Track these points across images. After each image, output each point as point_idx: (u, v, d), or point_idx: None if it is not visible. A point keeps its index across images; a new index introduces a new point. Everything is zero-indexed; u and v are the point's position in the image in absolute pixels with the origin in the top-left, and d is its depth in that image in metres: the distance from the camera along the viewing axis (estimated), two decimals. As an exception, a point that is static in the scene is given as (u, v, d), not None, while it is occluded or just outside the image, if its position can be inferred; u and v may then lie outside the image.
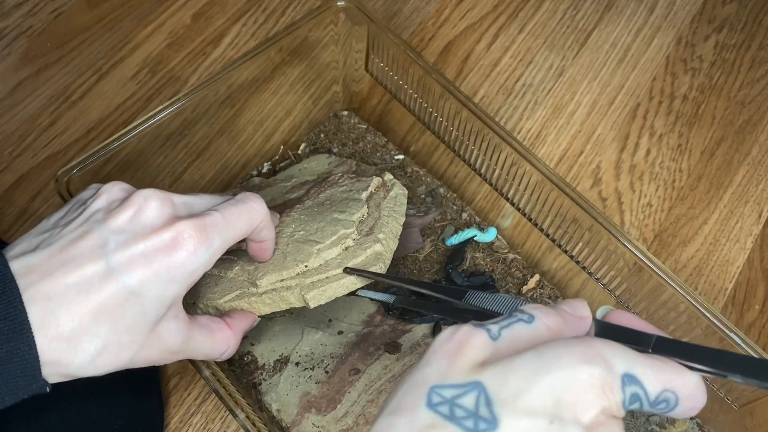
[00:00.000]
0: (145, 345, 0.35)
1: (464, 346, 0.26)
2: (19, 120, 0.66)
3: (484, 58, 0.74)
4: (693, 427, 0.53)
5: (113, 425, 0.46)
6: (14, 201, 0.62)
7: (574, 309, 0.30)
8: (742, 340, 0.45)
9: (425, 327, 0.54)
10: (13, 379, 0.31)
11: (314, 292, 0.45)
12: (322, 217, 0.49)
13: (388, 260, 0.48)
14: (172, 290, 0.35)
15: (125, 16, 0.74)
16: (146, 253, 0.34)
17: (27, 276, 0.32)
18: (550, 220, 0.54)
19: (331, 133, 0.66)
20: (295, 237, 0.48)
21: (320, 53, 0.61)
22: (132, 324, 0.34)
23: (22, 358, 0.31)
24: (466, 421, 0.24)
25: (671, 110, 0.73)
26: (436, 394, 0.25)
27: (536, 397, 0.24)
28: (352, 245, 0.47)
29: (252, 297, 0.45)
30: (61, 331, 0.32)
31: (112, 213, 0.35)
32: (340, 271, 0.45)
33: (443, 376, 0.25)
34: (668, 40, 0.78)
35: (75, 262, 0.33)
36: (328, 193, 0.52)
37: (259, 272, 0.46)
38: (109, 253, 0.33)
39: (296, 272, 0.46)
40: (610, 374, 0.25)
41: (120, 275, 0.33)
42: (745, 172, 0.69)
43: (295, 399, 0.51)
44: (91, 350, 0.33)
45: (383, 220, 0.50)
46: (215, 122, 0.56)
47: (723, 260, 0.64)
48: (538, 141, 0.70)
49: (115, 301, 0.33)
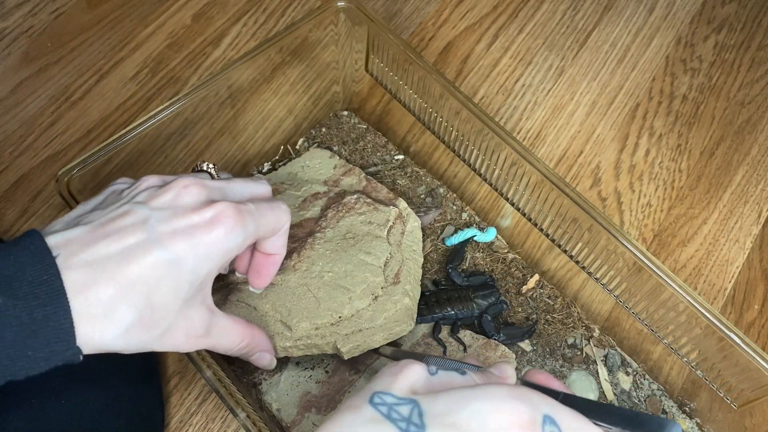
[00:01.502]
0: (173, 325, 0.36)
1: (406, 369, 0.31)
2: (20, 120, 0.66)
3: (483, 59, 0.74)
4: (692, 427, 0.53)
5: (113, 425, 0.46)
6: (15, 201, 0.62)
7: (500, 371, 0.35)
8: (741, 339, 0.45)
9: (425, 327, 0.54)
10: (49, 345, 0.31)
11: (349, 346, 0.48)
12: (349, 258, 0.51)
13: (415, 312, 0.52)
14: (207, 267, 0.37)
15: (125, 17, 0.74)
16: (187, 228, 0.36)
17: (67, 246, 0.33)
18: (550, 220, 0.54)
19: (332, 133, 0.66)
20: (325, 279, 0.50)
21: (320, 53, 0.61)
22: (165, 299, 0.35)
23: (57, 323, 0.31)
24: (400, 423, 0.28)
25: (671, 110, 0.73)
26: (378, 397, 0.29)
27: (463, 417, 0.28)
28: (381, 294, 0.51)
29: (287, 342, 0.48)
30: (100, 297, 0.32)
31: (153, 195, 0.37)
32: (372, 325, 0.49)
33: (386, 387, 0.30)
34: (668, 40, 0.78)
35: (117, 234, 0.34)
36: (348, 221, 0.54)
37: (293, 317, 0.48)
38: (151, 227, 0.35)
39: (330, 322, 0.49)
40: (535, 412, 0.28)
41: (161, 246, 0.35)
42: (745, 172, 0.69)
43: (296, 398, 0.51)
44: (126, 321, 0.33)
45: (406, 265, 0.53)
46: (215, 122, 0.57)
47: (722, 260, 0.64)
48: (538, 141, 0.70)
49: (153, 272, 0.34)
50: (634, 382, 0.55)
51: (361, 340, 0.48)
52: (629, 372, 0.55)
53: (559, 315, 0.57)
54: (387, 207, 0.56)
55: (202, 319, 0.38)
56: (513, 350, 0.55)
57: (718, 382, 0.50)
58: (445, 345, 0.53)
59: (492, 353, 0.53)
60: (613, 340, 0.57)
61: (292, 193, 0.57)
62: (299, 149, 0.64)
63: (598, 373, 0.55)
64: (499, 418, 0.28)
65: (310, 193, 0.57)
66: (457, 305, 0.54)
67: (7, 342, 0.30)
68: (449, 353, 0.53)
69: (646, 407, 0.54)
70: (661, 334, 0.52)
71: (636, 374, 0.55)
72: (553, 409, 0.29)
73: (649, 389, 0.55)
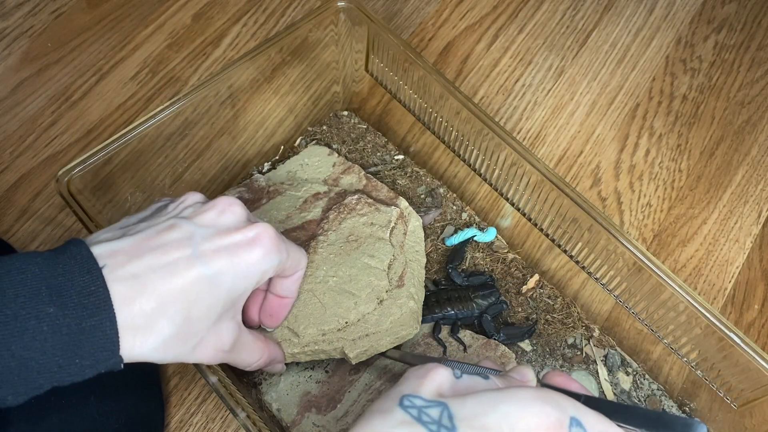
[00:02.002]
0: (205, 339, 0.37)
1: (432, 372, 0.32)
2: (20, 120, 0.66)
3: (483, 59, 0.74)
4: (692, 426, 0.53)
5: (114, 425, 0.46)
6: (15, 201, 0.62)
7: (521, 375, 0.36)
8: (741, 339, 0.45)
9: (425, 326, 0.54)
10: (95, 353, 0.32)
11: (357, 351, 0.48)
12: (352, 261, 0.52)
13: (420, 315, 0.52)
14: (242, 286, 0.38)
15: (126, 17, 0.74)
16: (229, 246, 0.37)
17: (114, 257, 0.34)
18: (550, 220, 0.54)
19: (332, 133, 0.66)
20: (330, 284, 0.50)
21: (320, 53, 0.61)
22: (202, 314, 0.36)
23: (104, 333, 0.32)
24: (431, 425, 0.28)
25: (671, 110, 0.73)
26: (407, 400, 0.30)
27: (492, 420, 0.28)
28: (386, 298, 0.51)
29: (295, 348, 0.48)
30: (143, 309, 0.33)
31: (198, 212, 0.38)
32: (379, 329, 0.49)
33: (414, 390, 0.31)
34: (668, 40, 0.78)
35: (163, 249, 0.35)
36: (350, 223, 0.54)
37: (300, 324, 0.49)
38: (195, 243, 0.36)
39: (337, 327, 0.49)
40: (561, 414, 0.29)
41: (204, 262, 0.35)
42: (745, 172, 0.69)
43: (296, 398, 0.51)
44: (165, 333, 0.34)
45: (410, 267, 0.53)
46: (216, 122, 0.57)
47: (722, 260, 0.64)
48: (538, 141, 0.70)
49: (194, 287, 0.35)
50: (634, 382, 0.55)
51: (368, 344, 0.49)
52: (629, 372, 0.55)
53: (559, 315, 0.57)
54: (388, 207, 0.56)
55: (230, 336, 0.39)
56: (513, 350, 0.55)
57: (718, 382, 0.50)
58: (445, 345, 0.53)
59: (492, 353, 0.53)
60: (613, 340, 0.57)
61: (292, 194, 0.57)
62: (297, 146, 0.64)
63: (598, 373, 0.55)
64: (527, 421, 0.28)
65: (310, 194, 0.57)
66: (457, 305, 0.54)
67: (57, 350, 0.31)
68: (449, 353, 0.53)
69: (645, 407, 0.54)
70: (661, 334, 0.52)
71: (636, 374, 0.55)
72: (578, 411, 0.29)
73: (649, 389, 0.55)
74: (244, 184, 0.58)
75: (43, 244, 0.60)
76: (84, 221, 0.46)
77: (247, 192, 0.58)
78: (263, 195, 0.57)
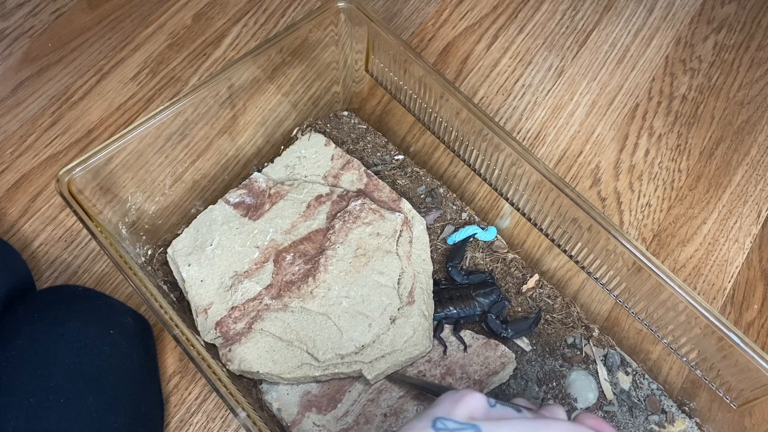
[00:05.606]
0: None
1: (467, 397, 0.32)
2: (21, 120, 0.66)
3: (483, 59, 0.75)
4: (692, 426, 0.53)
5: (113, 424, 0.46)
6: (15, 201, 0.62)
7: (552, 413, 0.36)
8: (740, 339, 0.45)
9: (425, 326, 0.54)
10: None
11: (375, 373, 0.50)
12: (363, 280, 0.53)
13: (431, 331, 0.53)
14: None
15: (126, 17, 0.74)
16: None
17: None
18: (550, 220, 0.54)
19: (332, 133, 0.66)
20: (344, 306, 0.52)
21: (320, 54, 0.61)
22: None
23: None
24: None
25: (670, 110, 0.73)
26: (440, 422, 0.31)
27: None
28: (398, 316, 0.52)
29: (315, 372, 0.50)
30: None
31: None
32: (393, 350, 0.51)
33: (447, 413, 0.31)
34: (667, 40, 0.78)
35: None
36: (356, 234, 0.55)
37: (318, 349, 0.50)
38: None
39: (354, 351, 0.51)
40: None
41: None
42: (744, 172, 0.69)
43: (296, 398, 0.51)
44: None
45: (418, 280, 0.55)
46: (216, 122, 0.57)
47: (722, 260, 0.64)
48: (538, 141, 0.70)
49: None
50: (633, 381, 0.55)
51: (385, 366, 0.51)
52: (629, 372, 0.55)
53: (558, 315, 0.57)
54: (393, 213, 0.56)
55: None
56: (513, 350, 0.55)
57: (718, 382, 0.50)
58: (446, 344, 0.53)
59: (492, 353, 0.54)
60: (613, 339, 0.57)
61: (294, 197, 0.57)
62: (294, 137, 0.64)
63: (597, 372, 0.55)
64: None
65: (312, 197, 0.57)
66: (459, 304, 0.55)
67: None
68: (450, 352, 0.53)
69: (645, 407, 0.54)
70: (660, 333, 0.52)
71: (635, 374, 0.55)
72: None
73: (649, 389, 0.55)
74: (243, 185, 0.58)
75: (44, 244, 0.60)
76: (84, 221, 0.46)
77: (248, 195, 0.57)
78: (265, 199, 0.57)
